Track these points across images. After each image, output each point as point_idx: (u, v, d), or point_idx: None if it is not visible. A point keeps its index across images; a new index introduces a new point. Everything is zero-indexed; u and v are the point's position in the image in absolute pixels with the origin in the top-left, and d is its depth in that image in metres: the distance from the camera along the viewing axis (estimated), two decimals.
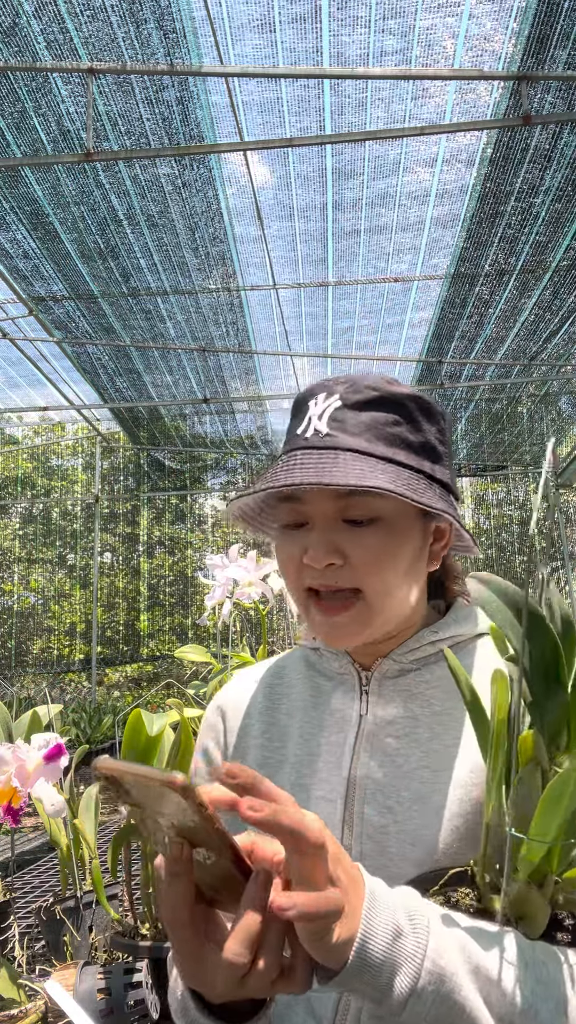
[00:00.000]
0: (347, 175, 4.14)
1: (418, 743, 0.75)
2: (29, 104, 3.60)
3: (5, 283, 5.11)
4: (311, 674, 0.86)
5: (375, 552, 0.73)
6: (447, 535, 0.81)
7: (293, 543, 0.77)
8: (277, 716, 0.84)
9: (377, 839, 0.72)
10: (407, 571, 0.76)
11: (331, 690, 0.83)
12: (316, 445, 0.73)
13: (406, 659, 0.80)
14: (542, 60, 3.28)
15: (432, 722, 0.76)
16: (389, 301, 5.51)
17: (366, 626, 0.75)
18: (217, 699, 0.92)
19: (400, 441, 0.75)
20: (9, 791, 1.58)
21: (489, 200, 4.26)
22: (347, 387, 0.75)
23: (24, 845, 3.26)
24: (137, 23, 3.20)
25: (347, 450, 0.72)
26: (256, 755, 0.83)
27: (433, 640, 0.80)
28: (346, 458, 0.71)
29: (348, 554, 0.73)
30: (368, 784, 0.75)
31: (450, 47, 3.32)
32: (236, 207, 4.44)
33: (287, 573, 0.78)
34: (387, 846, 0.72)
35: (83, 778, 4.63)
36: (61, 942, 1.93)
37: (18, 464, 10.96)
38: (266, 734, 0.84)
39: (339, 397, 0.75)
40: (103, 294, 5.30)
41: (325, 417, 0.74)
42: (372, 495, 0.72)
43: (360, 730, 0.78)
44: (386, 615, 0.76)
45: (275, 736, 0.83)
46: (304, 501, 0.75)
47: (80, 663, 10.40)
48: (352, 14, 3.16)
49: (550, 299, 5.30)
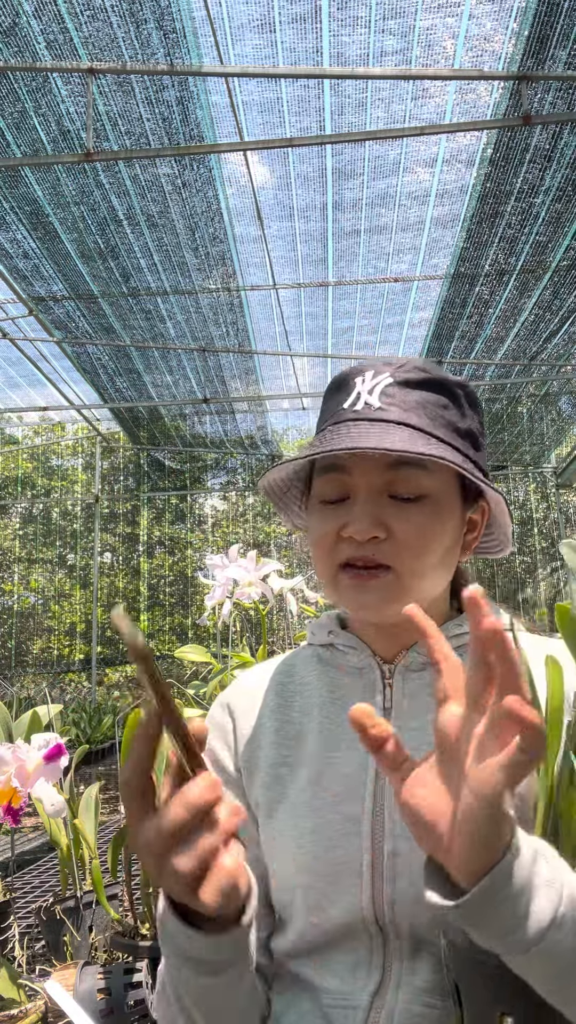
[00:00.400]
0: (347, 175, 4.14)
1: None
2: (29, 104, 3.60)
3: (5, 283, 5.11)
4: (326, 670, 0.83)
5: (419, 530, 0.72)
6: (479, 527, 0.80)
7: (331, 517, 0.75)
8: (291, 714, 0.82)
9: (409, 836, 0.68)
10: (443, 556, 0.75)
11: (350, 685, 0.80)
12: (367, 416, 0.72)
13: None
14: (542, 60, 3.28)
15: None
16: (389, 301, 5.51)
17: (393, 599, 0.73)
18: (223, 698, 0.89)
19: (448, 424, 0.74)
20: (9, 791, 1.58)
21: (489, 200, 4.26)
22: (396, 367, 0.75)
23: (24, 845, 3.26)
24: (137, 23, 3.20)
25: (399, 423, 0.71)
26: (271, 754, 0.80)
27: (458, 633, 0.78)
28: (399, 430, 0.70)
29: (392, 529, 0.72)
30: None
31: (450, 47, 3.32)
32: (236, 207, 4.44)
33: (320, 549, 0.76)
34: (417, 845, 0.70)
35: (83, 778, 4.64)
36: (61, 942, 1.93)
37: (18, 464, 10.96)
38: (280, 732, 0.81)
39: (389, 375, 0.75)
40: (103, 294, 5.30)
41: (376, 392, 0.74)
42: (421, 471, 0.72)
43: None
44: (413, 596, 0.74)
45: (290, 735, 0.80)
46: (350, 472, 0.73)
47: (80, 663, 10.41)
48: (352, 14, 3.16)
49: (550, 299, 5.30)
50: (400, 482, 0.72)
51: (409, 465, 0.71)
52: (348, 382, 0.77)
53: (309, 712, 0.81)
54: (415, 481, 0.72)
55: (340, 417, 0.75)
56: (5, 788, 1.58)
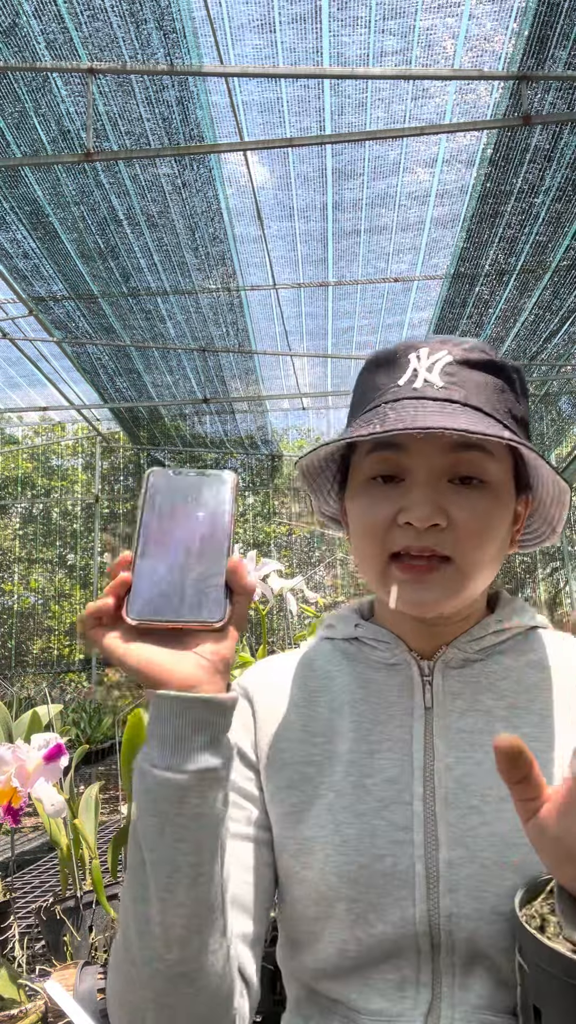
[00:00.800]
0: (347, 175, 4.14)
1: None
2: (29, 104, 3.60)
3: (5, 283, 5.11)
4: (354, 666, 0.78)
5: (481, 517, 0.67)
6: (521, 519, 0.76)
7: (383, 500, 0.69)
8: (317, 710, 0.76)
9: (467, 844, 0.65)
10: (499, 547, 0.70)
11: (384, 681, 0.75)
12: (431, 396, 0.67)
13: (471, 648, 0.74)
14: (542, 60, 3.28)
15: (508, 715, 0.70)
16: (389, 301, 5.51)
17: (451, 594, 0.68)
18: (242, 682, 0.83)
19: (507, 409, 0.71)
20: (9, 791, 1.58)
21: (489, 200, 4.26)
22: (455, 345, 0.71)
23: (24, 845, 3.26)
24: (137, 23, 3.20)
25: (465, 404, 0.67)
26: (297, 751, 0.74)
27: (498, 629, 0.74)
28: (466, 411, 0.66)
29: (452, 516, 0.67)
30: (447, 783, 0.68)
31: (450, 47, 3.32)
32: (236, 207, 4.44)
33: (368, 534, 0.70)
34: (478, 851, 0.65)
35: (83, 778, 4.64)
36: (61, 942, 1.93)
37: (18, 464, 10.96)
38: (307, 729, 0.75)
39: (448, 353, 0.70)
40: (103, 294, 5.30)
41: (436, 370, 0.69)
42: (485, 456, 0.67)
43: (428, 724, 0.71)
44: (471, 590, 0.69)
45: (318, 732, 0.74)
46: (408, 451, 0.68)
47: (80, 663, 10.41)
48: (352, 14, 3.16)
49: (550, 299, 5.30)
50: (463, 465, 0.67)
51: (473, 448, 0.67)
52: (399, 359, 0.72)
53: (339, 709, 0.75)
54: (479, 465, 0.67)
55: (398, 395, 0.69)
56: (5, 788, 1.58)
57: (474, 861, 0.64)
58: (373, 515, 0.70)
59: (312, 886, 0.68)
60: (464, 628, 0.75)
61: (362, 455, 0.72)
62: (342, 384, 7.33)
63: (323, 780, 0.72)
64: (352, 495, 0.74)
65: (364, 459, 0.71)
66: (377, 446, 0.69)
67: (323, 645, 0.83)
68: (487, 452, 0.68)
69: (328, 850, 0.68)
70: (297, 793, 0.72)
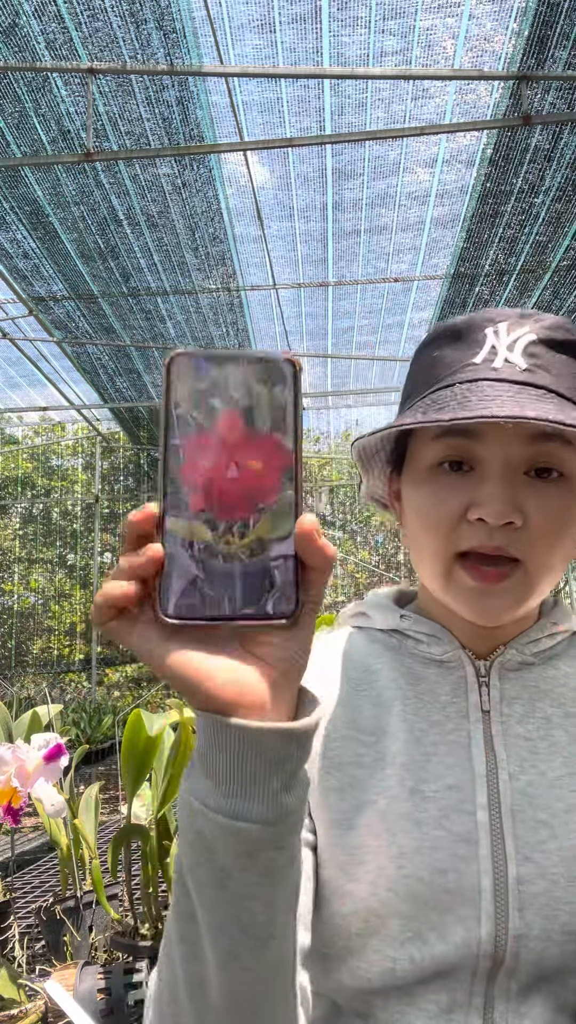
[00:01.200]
0: (347, 175, 4.14)
1: (557, 748, 0.65)
2: (29, 104, 3.60)
3: (5, 283, 5.11)
4: (401, 659, 0.71)
5: (557, 516, 0.61)
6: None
7: (451, 491, 0.63)
8: (362, 705, 0.69)
9: (536, 860, 0.61)
10: (570, 549, 0.64)
11: (435, 678, 0.69)
12: (512, 379, 0.61)
13: (528, 651, 0.69)
14: (542, 60, 3.28)
15: (567, 724, 0.66)
16: (389, 301, 5.51)
17: (522, 602, 0.63)
18: None
19: None
20: (9, 791, 1.58)
21: (489, 200, 4.26)
22: (537, 321, 0.65)
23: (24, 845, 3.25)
24: (137, 23, 3.20)
25: (550, 390, 0.61)
26: (344, 751, 0.67)
27: (553, 632, 0.70)
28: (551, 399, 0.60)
29: (528, 514, 0.61)
30: (512, 793, 0.63)
31: (450, 47, 3.32)
32: (236, 207, 4.44)
33: (432, 529, 0.63)
34: (548, 867, 0.60)
35: (83, 778, 4.64)
36: (61, 942, 1.93)
37: (18, 464, 10.96)
38: (354, 726, 0.68)
39: (531, 331, 0.64)
40: (103, 294, 5.30)
41: (518, 350, 0.63)
42: (567, 448, 0.61)
43: (487, 729, 0.66)
44: (537, 597, 0.64)
45: (365, 729, 0.68)
46: (484, 440, 0.61)
47: (80, 663, 10.41)
48: (352, 14, 3.16)
49: (550, 299, 5.30)
50: (543, 458, 0.61)
51: (555, 439, 0.61)
52: (475, 332, 0.65)
53: (387, 706, 0.68)
54: (559, 457, 0.61)
55: (475, 375, 0.62)
56: (5, 788, 1.58)
57: (544, 877, 0.60)
58: (439, 508, 0.63)
59: (360, 900, 0.62)
60: (521, 628, 0.70)
61: (427, 439, 0.65)
62: (342, 384, 7.33)
63: (374, 784, 0.65)
64: (413, 480, 0.67)
65: (429, 443, 0.64)
66: (448, 432, 0.63)
67: (357, 635, 0.75)
68: (568, 443, 0.61)
69: (381, 861, 0.62)
70: (347, 798, 0.65)
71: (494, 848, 0.61)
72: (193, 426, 0.40)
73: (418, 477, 0.66)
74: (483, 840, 0.61)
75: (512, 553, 0.61)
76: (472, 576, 0.62)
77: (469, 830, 0.62)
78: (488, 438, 0.61)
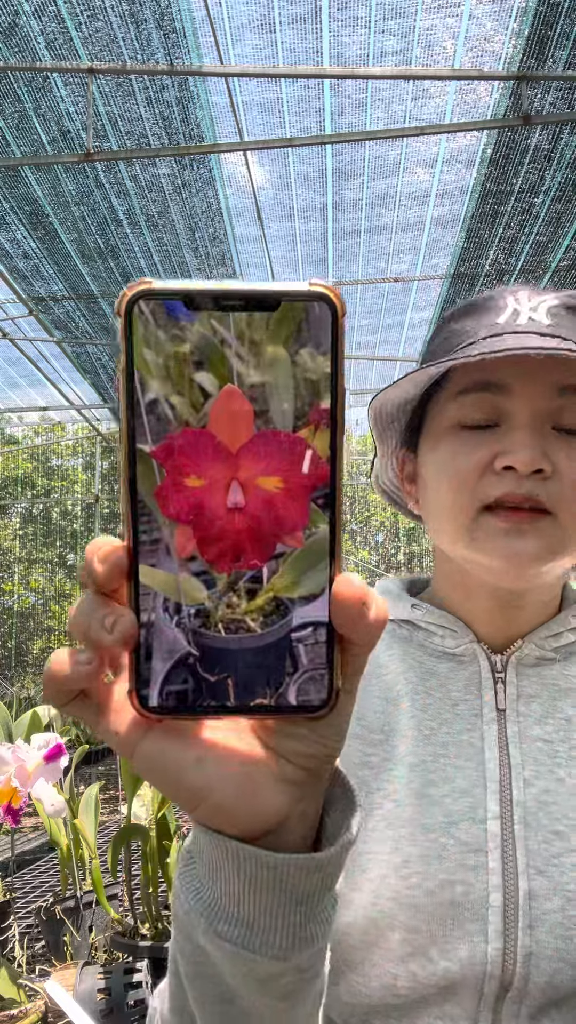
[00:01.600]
0: (347, 175, 4.14)
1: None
2: (29, 104, 3.60)
3: (5, 283, 5.11)
4: (411, 651, 0.67)
5: None
6: None
7: (476, 445, 0.60)
8: (370, 701, 0.65)
9: (550, 874, 0.56)
10: None
11: (447, 673, 0.65)
12: (537, 331, 0.60)
13: (548, 645, 0.65)
14: (542, 60, 3.28)
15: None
16: (389, 301, 5.51)
17: (554, 553, 0.59)
18: None
19: None
20: (9, 791, 1.58)
21: (489, 200, 4.26)
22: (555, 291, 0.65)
23: (24, 845, 3.25)
24: (137, 23, 3.20)
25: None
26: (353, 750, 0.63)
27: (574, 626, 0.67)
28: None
29: (557, 464, 0.58)
30: (528, 803, 0.59)
31: (450, 47, 3.32)
32: (236, 207, 4.44)
33: (460, 486, 0.60)
34: (564, 882, 0.56)
35: (83, 778, 4.64)
36: (61, 942, 1.93)
37: (18, 464, 10.96)
38: (362, 723, 0.64)
39: (554, 296, 0.63)
40: (103, 294, 5.30)
41: (541, 310, 0.62)
42: None
43: (502, 730, 0.62)
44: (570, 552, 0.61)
45: (374, 727, 0.64)
46: (508, 392, 0.59)
47: None
48: (352, 14, 3.17)
49: None
50: (569, 411, 0.59)
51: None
52: (495, 300, 0.64)
53: (395, 702, 0.65)
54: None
55: (498, 330, 0.61)
56: (5, 788, 1.58)
57: (559, 893, 0.56)
58: (464, 460, 0.60)
59: (361, 911, 0.58)
60: (540, 619, 0.66)
61: (448, 399, 0.63)
62: None
63: (380, 786, 0.62)
64: (432, 444, 0.64)
65: (450, 403, 0.62)
66: (471, 387, 0.60)
67: None
68: None
69: (384, 870, 0.58)
70: None
71: (505, 860, 0.57)
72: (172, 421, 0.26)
73: (438, 438, 0.63)
74: (493, 851, 0.57)
75: (543, 502, 0.58)
76: (501, 520, 0.58)
77: (479, 839, 0.58)
78: (515, 391, 0.59)
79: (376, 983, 0.57)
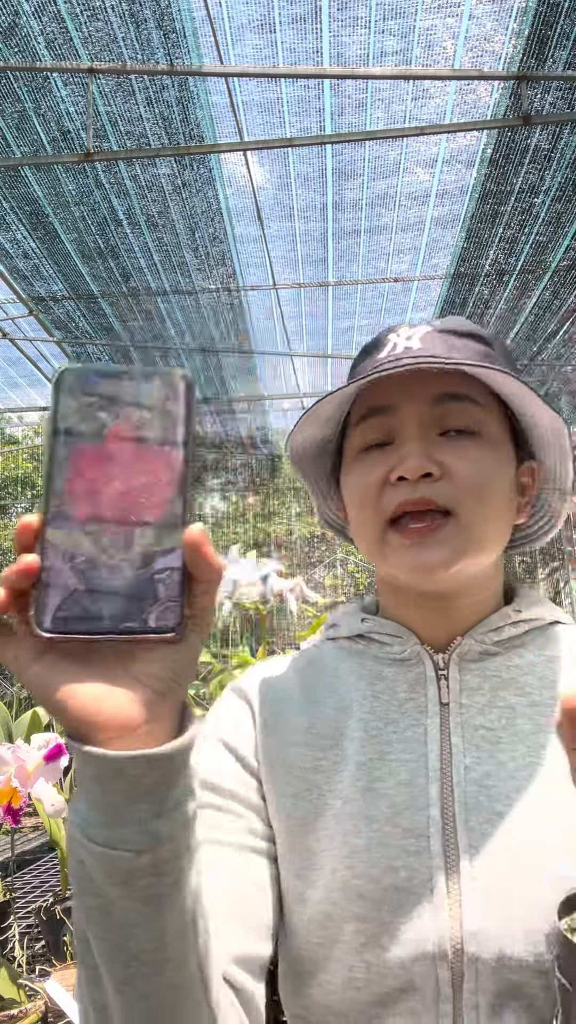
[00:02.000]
0: (347, 175, 4.14)
1: (521, 737, 0.63)
2: (29, 104, 3.60)
3: (5, 283, 5.11)
4: (362, 662, 0.71)
5: (477, 465, 0.63)
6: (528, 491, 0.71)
7: (375, 463, 0.66)
8: (323, 711, 0.69)
9: (491, 853, 0.58)
10: (504, 506, 0.66)
11: (394, 677, 0.69)
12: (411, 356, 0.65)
13: (488, 639, 0.68)
14: (542, 60, 3.28)
15: (532, 713, 0.64)
16: (389, 301, 5.51)
17: (460, 553, 0.63)
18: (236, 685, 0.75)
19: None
20: (9, 791, 1.58)
21: (489, 200, 4.26)
22: (436, 320, 0.70)
23: (24, 845, 3.25)
24: (137, 23, 3.20)
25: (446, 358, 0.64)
26: (302, 757, 0.67)
27: (516, 620, 0.69)
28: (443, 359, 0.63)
29: (447, 465, 0.63)
30: (468, 787, 0.61)
31: (450, 47, 3.32)
32: (236, 207, 4.44)
33: (365, 503, 0.66)
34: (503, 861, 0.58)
35: None
36: (61, 942, 1.92)
37: (18, 464, 10.96)
38: (312, 731, 0.68)
39: (428, 326, 0.68)
40: (103, 294, 5.30)
41: (415, 339, 0.67)
42: (473, 406, 0.65)
43: (445, 722, 0.65)
44: (479, 549, 0.64)
45: (324, 734, 0.68)
46: (394, 411, 0.65)
47: None
48: (352, 14, 3.16)
49: (550, 299, 5.30)
50: (452, 416, 0.65)
51: (463, 399, 0.65)
52: (380, 341, 0.70)
53: (346, 709, 0.68)
54: (467, 414, 0.65)
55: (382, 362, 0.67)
56: (5, 788, 1.58)
57: (500, 872, 0.57)
58: (366, 480, 0.66)
59: (317, 906, 0.61)
60: (479, 616, 0.69)
61: (352, 430, 0.69)
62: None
63: (331, 787, 0.65)
64: (346, 472, 0.71)
65: (354, 432, 0.69)
66: (366, 413, 0.67)
67: (327, 645, 0.76)
68: (476, 403, 0.65)
69: (335, 863, 0.61)
70: (304, 804, 0.65)
71: (446, 842, 0.59)
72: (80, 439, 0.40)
73: (350, 466, 0.69)
74: (434, 835, 0.60)
75: (439, 503, 0.63)
76: (404, 536, 0.63)
77: (421, 825, 0.60)
78: (399, 409, 0.65)
79: (339, 978, 0.59)
